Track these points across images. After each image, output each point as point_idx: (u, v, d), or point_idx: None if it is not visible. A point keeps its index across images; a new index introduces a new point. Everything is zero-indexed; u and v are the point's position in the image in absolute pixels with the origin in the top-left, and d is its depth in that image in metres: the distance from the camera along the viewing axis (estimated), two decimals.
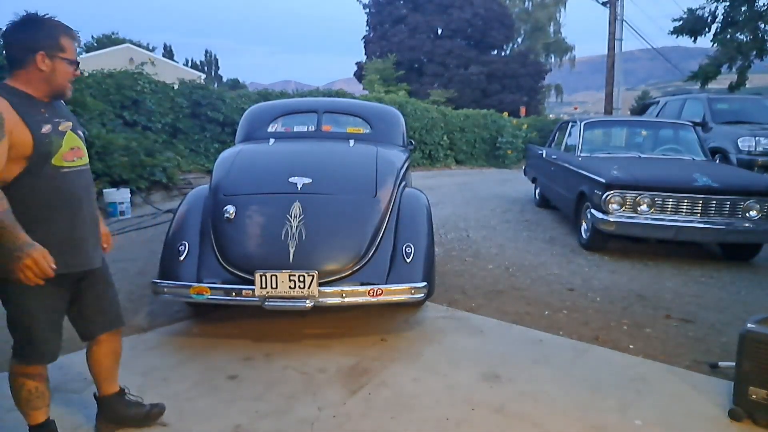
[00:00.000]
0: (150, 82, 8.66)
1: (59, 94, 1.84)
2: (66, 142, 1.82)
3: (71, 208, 1.85)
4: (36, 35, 1.75)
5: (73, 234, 1.85)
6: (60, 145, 1.80)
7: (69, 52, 1.80)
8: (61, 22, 1.83)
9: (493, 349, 2.97)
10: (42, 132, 1.74)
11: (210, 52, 52.28)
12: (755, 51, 13.23)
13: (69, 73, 1.82)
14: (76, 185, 1.87)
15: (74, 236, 1.86)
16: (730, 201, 4.67)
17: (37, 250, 1.66)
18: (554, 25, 35.29)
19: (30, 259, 1.63)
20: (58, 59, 1.77)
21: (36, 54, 1.74)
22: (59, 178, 1.80)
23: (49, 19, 1.80)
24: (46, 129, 1.76)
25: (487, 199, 8.54)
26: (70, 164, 1.84)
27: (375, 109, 5.01)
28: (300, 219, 2.94)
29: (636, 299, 3.90)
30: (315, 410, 2.33)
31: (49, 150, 1.76)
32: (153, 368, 2.69)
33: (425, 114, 13.82)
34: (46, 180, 1.77)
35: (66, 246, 1.83)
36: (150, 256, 4.74)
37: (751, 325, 2.30)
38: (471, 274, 4.46)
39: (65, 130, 1.84)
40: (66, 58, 1.79)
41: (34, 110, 1.76)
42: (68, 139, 1.84)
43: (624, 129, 7.20)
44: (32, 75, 1.76)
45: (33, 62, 1.74)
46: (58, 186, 1.80)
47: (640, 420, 2.29)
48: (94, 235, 1.98)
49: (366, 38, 29.06)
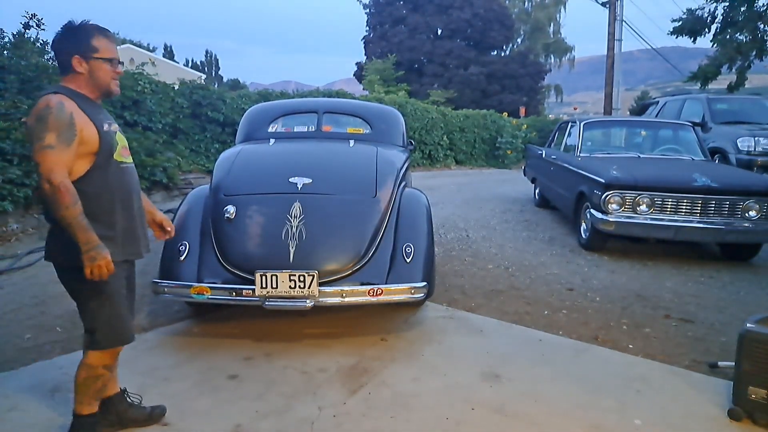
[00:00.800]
0: (150, 82, 8.65)
1: (106, 92, 1.95)
2: (119, 140, 1.98)
3: (129, 200, 2.00)
4: (70, 40, 1.88)
5: (131, 224, 2.00)
6: (117, 142, 1.96)
7: (104, 51, 1.89)
8: (94, 25, 1.93)
9: (492, 349, 2.98)
10: (105, 129, 1.90)
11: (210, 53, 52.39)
12: (755, 51, 13.24)
13: (109, 71, 1.91)
14: (131, 180, 2.03)
15: (132, 226, 2.01)
16: (729, 201, 4.68)
17: (107, 251, 1.80)
18: (554, 26, 35.30)
19: (104, 260, 1.79)
20: (93, 59, 1.87)
21: (72, 58, 1.86)
22: (120, 172, 1.96)
23: (83, 23, 1.90)
24: (107, 127, 1.92)
25: (487, 199, 8.55)
26: (125, 160, 2.00)
27: (375, 109, 5.01)
28: (300, 219, 2.94)
29: (635, 299, 3.91)
30: (315, 410, 2.33)
31: (111, 146, 1.92)
32: (154, 368, 2.70)
33: (425, 114, 13.83)
34: (111, 174, 1.92)
35: (127, 236, 1.98)
36: (150, 256, 4.72)
37: (750, 325, 2.30)
38: (471, 273, 4.47)
39: (116, 130, 2.00)
40: (101, 57, 1.88)
41: (96, 110, 1.92)
42: (119, 137, 2.00)
43: (623, 129, 7.21)
44: (78, 78, 1.89)
45: (72, 66, 1.87)
46: (119, 179, 1.95)
47: (639, 420, 2.30)
48: (143, 226, 2.12)
49: (366, 39, 29.07)
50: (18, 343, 2.99)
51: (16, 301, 3.67)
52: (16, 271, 4.29)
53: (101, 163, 1.88)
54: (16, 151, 5.42)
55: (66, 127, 1.76)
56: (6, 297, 3.75)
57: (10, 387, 2.49)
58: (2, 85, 6.03)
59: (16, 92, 6.02)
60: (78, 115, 1.81)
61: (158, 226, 2.33)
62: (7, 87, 6.03)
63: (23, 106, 5.73)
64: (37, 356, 2.82)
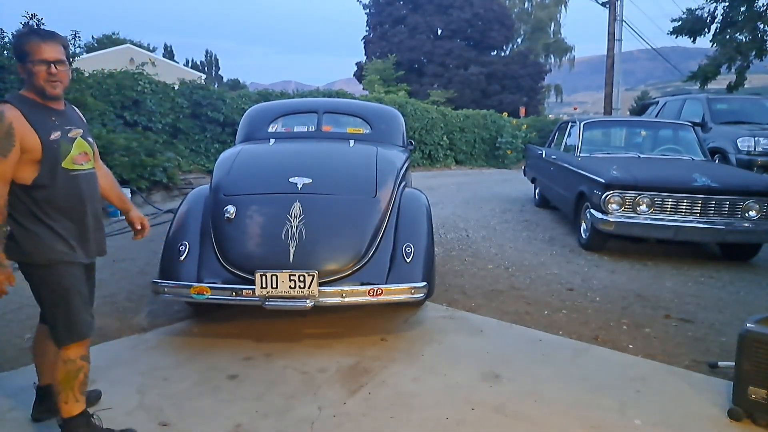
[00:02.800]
0: (150, 82, 8.66)
1: (43, 94, 1.96)
2: (76, 147, 2.02)
3: (80, 206, 2.04)
4: (14, 50, 2.04)
5: (82, 229, 2.06)
6: (69, 149, 2.00)
7: (36, 53, 1.91)
8: (29, 30, 2.12)
9: (492, 349, 2.98)
10: (51, 138, 1.94)
11: (210, 53, 52.26)
12: (754, 51, 13.24)
13: (40, 72, 1.91)
14: (85, 187, 2.06)
15: (83, 231, 2.06)
16: (729, 201, 4.68)
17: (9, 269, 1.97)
18: (554, 26, 35.28)
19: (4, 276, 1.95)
20: (28, 63, 1.92)
21: (19, 67, 1.98)
22: (70, 180, 2.00)
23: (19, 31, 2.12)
24: (54, 135, 1.95)
25: (487, 199, 8.55)
26: (78, 167, 2.03)
27: (375, 109, 5.02)
28: (300, 219, 2.95)
29: (635, 299, 3.91)
30: (315, 410, 2.34)
31: (57, 154, 1.95)
32: (153, 368, 2.70)
33: (425, 114, 13.83)
34: (60, 182, 1.96)
35: (78, 239, 2.04)
36: (150, 256, 4.75)
37: (750, 325, 2.30)
38: (471, 273, 4.47)
39: (75, 136, 2.04)
40: (33, 60, 1.91)
41: (45, 118, 1.96)
42: (78, 144, 2.04)
43: (623, 129, 7.21)
44: (27, 84, 1.96)
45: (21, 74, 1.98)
46: (69, 187, 1.99)
47: (639, 419, 2.30)
48: (98, 230, 2.16)
49: (366, 39, 29.06)
50: (18, 343, 2.99)
51: (16, 300, 3.66)
52: (15, 272, 4.28)
53: (46, 172, 1.93)
54: None
55: (3, 137, 1.82)
56: (6, 297, 3.72)
57: (10, 387, 2.49)
58: (2, 85, 6.03)
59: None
60: (19, 124, 1.86)
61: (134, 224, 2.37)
62: (7, 87, 6.04)
63: None
64: None
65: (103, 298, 3.73)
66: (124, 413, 2.28)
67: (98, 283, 4.04)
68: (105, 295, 3.77)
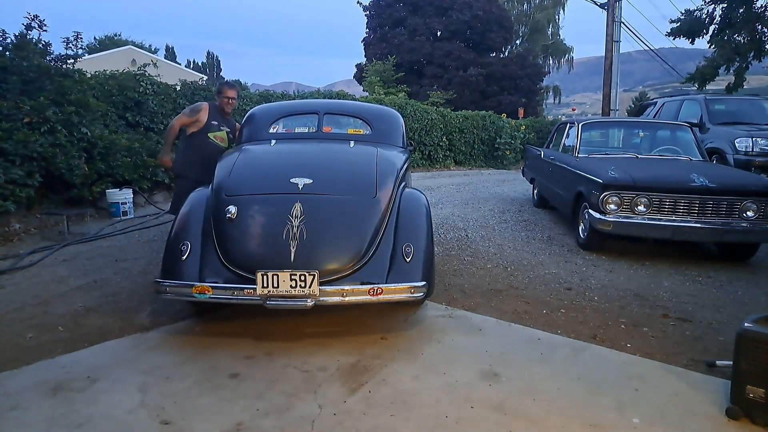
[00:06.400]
0: (152, 83, 8.66)
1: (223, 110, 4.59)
2: (220, 133, 4.50)
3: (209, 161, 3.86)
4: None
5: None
6: (216, 131, 4.49)
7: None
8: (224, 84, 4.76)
9: (491, 348, 3.00)
10: (211, 122, 4.46)
11: (212, 54, 52.09)
12: (753, 52, 13.28)
13: (225, 102, 4.57)
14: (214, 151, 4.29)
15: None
16: (727, 201, 4.70)
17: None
18: (553, 27, 35.29)
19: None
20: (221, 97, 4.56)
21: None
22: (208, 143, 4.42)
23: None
24: (214, 122, 4.48)
25: (486, 200, 8.57)
26: (214, 141, 4.47)
27: (375, 110, 5.04)
28: (301, 219, 2.96)
29: (633, 298, 3.93)
30: (316, 408, 2.35)
31: (209, 129, 4.44)
32: (155, 366, 2.72)
33: (425, 115, 13.85)
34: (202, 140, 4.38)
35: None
36: (152, 256, 4.77)
37: (748, 324, 2.31)
38: (470, 273, 4.49)
39: (222, 129, 4.54)
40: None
41: (217, 116, 4.52)
42: (221, 133, 4.52)
43: (621, 130, 7.23)
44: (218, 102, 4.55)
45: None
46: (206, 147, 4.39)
47: (637, 418, 2.32)
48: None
49: (366, 40, 29.05)
50: (20, 342, 3.00)
51: (18, 300, 3.68)
52: (19, 271, 4.30)
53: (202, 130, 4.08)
54: (19, 152, 5.44)
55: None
56: (8, 296, 3.76)
57: (12, 386, 2.50)
58: (4, 86, 6.04)
59: (18, 93, 6.04)
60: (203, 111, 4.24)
61: None
62: (9, 88, 6.05)
63: (25, 107, 5.75)
64: (39, 355, 2.83)
65: (106, 297, 3.75)
66: (126, 412, 2.30)
67: (101, 282, 4.08)
68: (107, 295, 3.80)
